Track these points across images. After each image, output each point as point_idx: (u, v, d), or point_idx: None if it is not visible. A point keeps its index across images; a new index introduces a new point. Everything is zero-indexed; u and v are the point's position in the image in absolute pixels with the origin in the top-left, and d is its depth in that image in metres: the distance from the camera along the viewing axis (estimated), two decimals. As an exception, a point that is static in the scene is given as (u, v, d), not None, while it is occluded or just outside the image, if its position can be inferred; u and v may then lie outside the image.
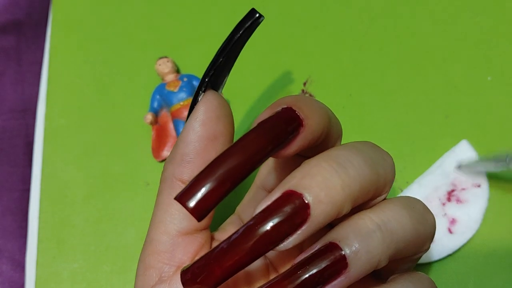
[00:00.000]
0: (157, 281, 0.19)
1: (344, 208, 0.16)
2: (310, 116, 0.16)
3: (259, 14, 0.20)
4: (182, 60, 0.32)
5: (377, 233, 0.16)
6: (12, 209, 0.32)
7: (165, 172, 0.20)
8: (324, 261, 0.15)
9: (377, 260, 0.16)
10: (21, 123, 0.33)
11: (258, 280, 0.21)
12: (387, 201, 0.17)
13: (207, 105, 0.19)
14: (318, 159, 0.16)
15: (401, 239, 0.16)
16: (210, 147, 0.19)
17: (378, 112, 0.30)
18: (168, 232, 0.19)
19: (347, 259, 0.15)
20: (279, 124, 0.16)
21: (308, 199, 0.15)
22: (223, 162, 0.15)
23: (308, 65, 0.32)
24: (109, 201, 0.30)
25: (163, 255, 0.19)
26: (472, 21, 0.32)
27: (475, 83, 0.30)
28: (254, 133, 0.15)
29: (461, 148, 0.28)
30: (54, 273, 0.29)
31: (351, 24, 0.32)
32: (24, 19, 0.35)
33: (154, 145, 0.30)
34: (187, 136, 0.19)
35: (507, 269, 0.27)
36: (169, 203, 0.20)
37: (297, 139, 0.16)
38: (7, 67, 0.34)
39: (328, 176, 0.15)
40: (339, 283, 0.15)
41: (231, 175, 0.15)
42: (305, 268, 0.15)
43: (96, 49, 0.33)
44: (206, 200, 0.15)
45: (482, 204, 0.27)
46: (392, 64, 0.31)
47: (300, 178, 0.15)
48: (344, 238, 0.16)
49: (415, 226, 0.17)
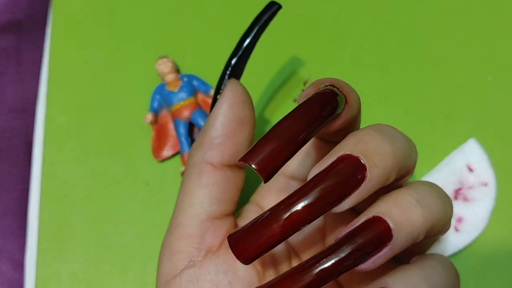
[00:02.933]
0: (186, 265, 0.19)
1: (391, 176, 0.16)
2: (350, 94, 0.17)
3: (278, 6, 0.22)
4: (182, 60, 0.32)
5: (417, 207, 0.16)
6: (12, 209, 0.32)
7: (193, 157, 0.20)
8: (370, 233, 0.16)
9: (417, 233, 0.16)
10: (21, 123, 0.33)
11: (282, 264, 0.21)
12: (417, 182, 0.18)
13: (234, 91, 0.20)
14: (366, 129, 0.17)
15: (436, 215, 0.17)
16: (239, 130, 0.20)
17: (378, 112, 0.30)
18: (197, 216, 0.20)
19: (392, 231, 0.16)
20: (329, 97, 0.16)
21: (364, 162, 0.16)
22: (287, 126, 0.16)
23: (308, 65, 0.32)
24: (109, 201, 0.30)
25: (193, 239, 0.19)
26: (472, 21, 0.32)
27: (475, 83, 0.30)
28: (308, 104, 0.16)
29: (469, 147, 0.28)
30: (54, 273, 0.29)
31: (351, 24, 0.32)
32: (24, 19, 0.35)
33: (154, 145, 0.30)
34: (216, 119, 0.20)
35: (508, 269, 0.27)
36: (199, 187, 0.20)
37: (343, 113, 0.17)
38: (7, 67, 0.34)
39: (380, 144, 0.16)
40: (384, 254, 0.16)
41: (295, 137, 0.15)
42: (352, 240, 0.16)
43: (96, 49, 0.33)
44: (274, 159, 0.15)
45: (489, 203, 0.27)
46: (392, 64, 0.31)
47: (353, 144, 0.16)
48: (388, 212, 0.16)
49: (443, 204, 0.18)
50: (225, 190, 0.20)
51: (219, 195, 0.20)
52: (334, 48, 0.32)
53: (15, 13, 0.35)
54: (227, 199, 0.20)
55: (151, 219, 0.29)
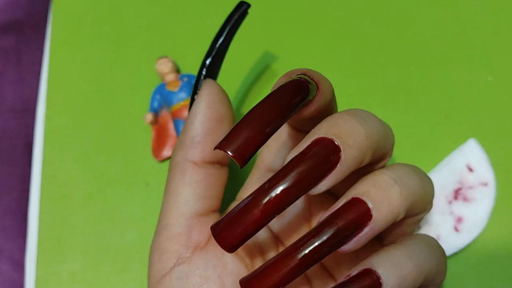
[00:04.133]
0: (175, 263, 0.19)
1: (366, 157, 0.17)
2: (322, 82, 0.18)
3: (247, 5, 0.22)
4: (182, 60, 0.32)
5: (395, 186, 0.17)
6: (12, 209, 0.32)
7: (175, 158, 0.21)
8: (350, 214, 0.16)
9: (397, 212, 0.17)
10: (21, 123, 0.33)
11: (269, 253, 0.21)
12: (394, 164, 0.18)
13: (210, 90, 0.21)
14: (340, 113, 0.17)
15: (415, 193, 0.17)
16: (218, 128, 0.20)
17: (378, 112, 0.30)
18: (183, 214, 0.20)
19: (371, 211, 0.16)
20: (301, 84, 0.17)
21: (338, 143, 0.16)
22: (260, 113, 0.16)
23: (308, 65, 0.32)
24: (109, 201, 0.30)
25: (180, 237, 0.20)
26: (472, 21, 0.32)
27: (475, 83, 0.30)
28: (282, 90, 0.16)
29: (469, 147, 0.28)
30: (54, 273, 0.29)
31: (351, 24, 0.32)
32: (24, 19, 0.35)
33: (154, 145, 0.30)
34: (195, 119, 0.20)
35: (509, 269, 0.27)
36: (183, 186, 0.20)
37: (315, 99, 0.17)
38: (7, 67, 0.34)
39: (353, 125, 0.16)
40: (365, 234, 0.16)
41: (268, 124, 0.16)
42: (332, 222, 0.16)
43: (96, 49, 0.33)
44: (248, 146, 0.15)
45: (489, 203, 0.27)
46: (393, 64, 0.31)
47: (328, 127, 0.16)
48: (366, 192, 0.16)
49: (423, 183, 0.18)
50: (208, 187, 0.20)
51: (203, 192, 0.20)
52: (334, 48, 0.32)
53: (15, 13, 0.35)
54: (212, 195, 0.21)
55: (151, 219, 0.29)
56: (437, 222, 0.27)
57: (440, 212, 0.27)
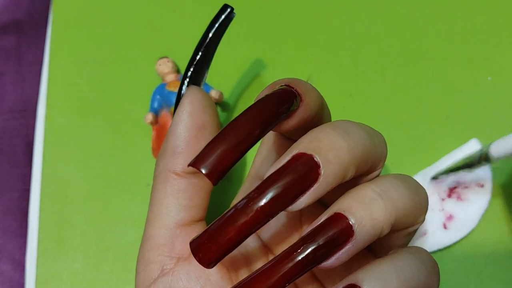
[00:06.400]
0: (159, 274, 0.19)
1: (349, 172, 0.16)
2: (306, 93, 0.17)
3: (231, 8, 0.21)
4: (182, 60, 0.32)
5: (379, 201, 0.16)
6: (12, 209, 0.32)
7: (157, 167, 0.20)
8: (330, 231, 0.16)
9: (380, 227, 0.16)
10: (21, 123, 0.33)
11: (256, 263, 0.21)
12: (383, 175, 0.18)
13: (192, 97, 0.20)
14: (322, 126, 0.17)
15: (401, 207, 0.17)
16: (200, 137, 0.20)
17: (378, 112, 0.30)
18: (166, 225, 0.20)
19: (353, 227, 0.16)
20: (282, 96, 0.16)
21: (318, 159, 0.16)
22: (234, 128, 0.16)
23: (308, 65, 0.32)
24: (109, 201, 0.30)
25: (163, 248, 0.20)
26: (472, 21, 0.32)
27: (475, 84, 0.30)
28: (261, 103, 0.16)
29: (470, 147, 0.28)
30: (55, 273, 0.29)
31: (351, 24, 0.32)
32: (24, 19, 0.35)
33: (154, 145, 0.30)
34: (177, 128, 0.20)
35: (508, 269, 0.27)
36: (165, 196, 0.20)
37: (297, 112, 0.17)
38: (7, 67, 0.34)
39: (335, 140, 0.16)
40: (346, 251, 0.16)
41: (244, 139, 0.15)
42: (313, 239, 0.16)
43: (96, 49, 0.33)
44: (221, 163, 0.15)
45: (481, 204, 0.27)
46: (392, 64, 0.31)
47: (308, 142, 0.16)
48: (349, 208, 0.16)
49: (411, 195, 0.17)
50: (191, 197, 0.20)
51: (185, 202, 0.20)
52: (334, 48, 0.32)
53: (15, 13, 0.35)
54: (195, 205, 0.20)
55: (151, 219, 0.29)
56: (427, 217, 0.27)
57: (431, 207, 0.27)
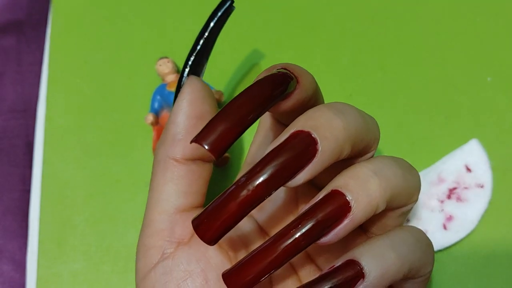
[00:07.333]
0: (159, 259, 0.20)
1: (345, 149, 0.17)
2: (302, 76, 0.18)
3: (231, 1, 0.22)
4: (183, 60, 0.32)
5: (374, 178, 0.17)
6: (13, 209, 0.32)
7: (157, 155, 0.21)
8: (328, 207, 0.16)
9: (376, 203, 0.17)
10: (21, 123, 0.33)
11: (255, 246, 0.21)
12: (377, 156, 0.19)
13: (192, 87, 0.21)
14: (318, 106, 0.17)
15: (395, 185, 0.17)
16: (199, 125, 0.20)
17: (378, 112, 0.30)
18: (165, 210, 0.20)
19: (350, 203, 0.16)
20: (279, 78, 0.17)
21: (315, 136, 0.16)
22: (234, 108, 0.16)
23: (308, 65, 0.31)
24: (109, 201, 0.30)
25: (163, 233, 0.20)
26: (472, 21, 0.32)
27: (475, 84, 0.30)
28: (259, 84, 0.17)
29: (470, 147, 0.28)
30: (55, 273, 0.29)
31: (351, 24, 0.32)
32: (24, 19, 0.35)
33: (154, 146, 0.30)
34: (177, 116, 0.20)
35: (508, 270, 0.27)
36: (164, 183, 0.20)
37: (294, 93, 0.17)
38: (7, 67, 0.34)
39: (331, 118, 0.17)
40: (344, 226, 0.16)
41: (244, 117, 0.16)
42: (311, 215, 0.16)
43: (96, 49, 0.33)
44: (223, 138, 0.16)
45: (481, 205, 0.27)
46: (392, 64, 0.31)
47: (305, 120, 0.17)
48: (345, 185, 0.17)
49: (405, 175, 0.18)
50: (191, 183, 0.21)
51: (185, 189, 0.20)
52: (334, 48, 0.32)
53: (15, 13, 0.35)
54: (194, 191, 0.21)
55: (152, 219, 0.29)
56: (427, 217, 0.27)
57: (431, 208, 0.27)
